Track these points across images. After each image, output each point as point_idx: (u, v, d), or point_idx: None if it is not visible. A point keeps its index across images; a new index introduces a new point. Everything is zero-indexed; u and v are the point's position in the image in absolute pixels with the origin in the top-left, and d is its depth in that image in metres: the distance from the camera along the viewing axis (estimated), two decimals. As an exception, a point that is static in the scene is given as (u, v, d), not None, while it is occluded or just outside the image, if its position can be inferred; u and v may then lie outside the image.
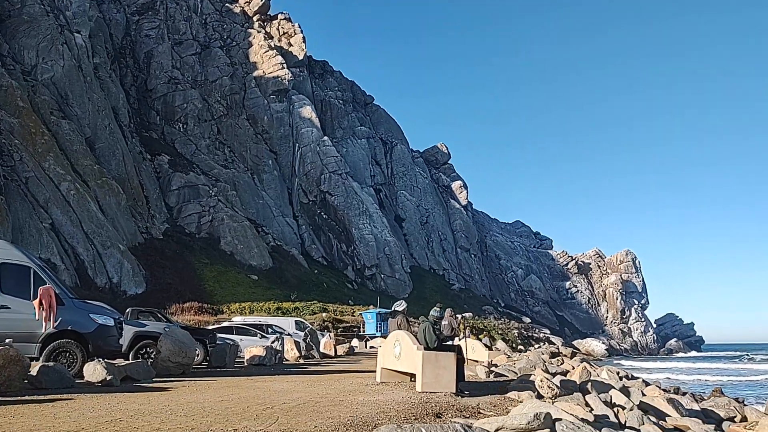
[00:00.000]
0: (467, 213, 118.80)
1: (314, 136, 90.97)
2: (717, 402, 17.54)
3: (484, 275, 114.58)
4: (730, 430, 10.55)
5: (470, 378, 14.59)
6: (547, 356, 29.58)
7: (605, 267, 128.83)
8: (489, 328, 65.59)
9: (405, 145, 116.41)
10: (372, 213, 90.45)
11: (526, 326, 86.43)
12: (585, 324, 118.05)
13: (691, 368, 54.38)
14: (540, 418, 6.42)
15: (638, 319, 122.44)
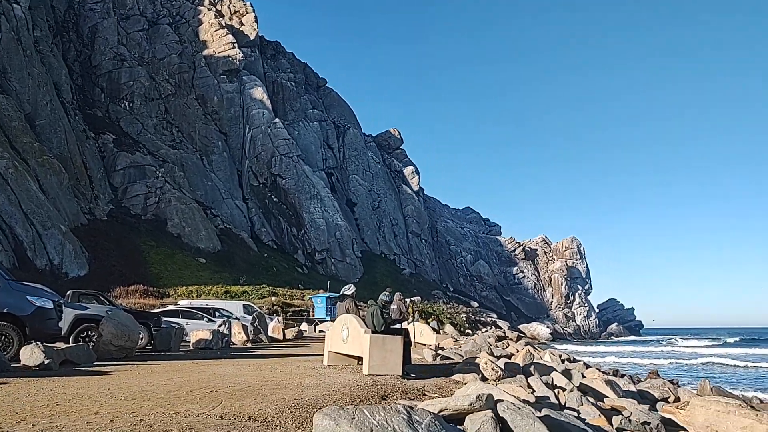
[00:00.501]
0: (419, 198, 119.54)
1: (265, 118, 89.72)
2: (653, 384, 18.25)
3: (435, 260, 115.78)
4: (663, 410, 10.98)
5: (417, 361, 14.77)
6: (493, 340, 30.17)
7: (551, 253, 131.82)
8: (438, 313, 66.38)
9: (358, 129, 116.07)
10: (323, 197, 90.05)
11: (474, 310, 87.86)
12: (531, 308, 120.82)
13: (630, 351, 56.32)
14: (482, 400, 6.54)
15: (582, 304, 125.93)
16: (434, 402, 6.86)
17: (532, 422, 6.44)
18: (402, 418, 4.24)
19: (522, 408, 6.80)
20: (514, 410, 6.67)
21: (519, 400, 8.19)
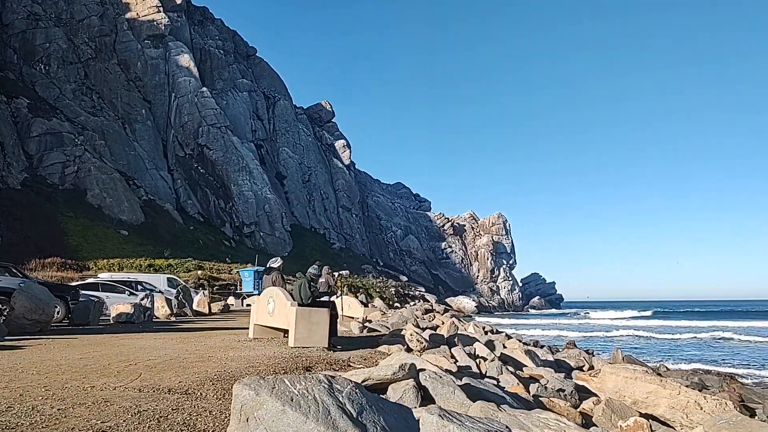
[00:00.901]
0: (350, 173, 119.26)
1: (192, 86, 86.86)
2: (569, 353, 19.12)
3: (365, 235, 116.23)
4: (577, 377, 11.51)
5: (344, 333, 14.87)
6: (420, 313, 30.71)
7: (479, 229, 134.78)
8: (367, 287, 66.98)
9: (288, 100, 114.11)
10: (252, 169, 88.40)
11: (403, 284, 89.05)
12: (458, 282, 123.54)
13: (550, 323, 58.60)
14: (405, 369, 6.67)
15: (506, 278, 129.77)
16: (358, 372, 6.94)
17: (452, 390, 6.61)
18: (323, 387, 4.26)
19: (443, 377, 6.97)
20: (435, 379, 6.83)
21: (441, 369, 8.38)
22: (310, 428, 3.90)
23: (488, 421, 4.00)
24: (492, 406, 5.88)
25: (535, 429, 5.32)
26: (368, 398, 4.44)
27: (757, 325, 51.47)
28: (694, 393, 8.61)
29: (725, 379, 18.30)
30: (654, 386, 8.61)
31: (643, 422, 7.02)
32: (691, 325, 51.44)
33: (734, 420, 7.28)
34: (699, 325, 52.04)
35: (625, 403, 8.44)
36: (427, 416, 3.77)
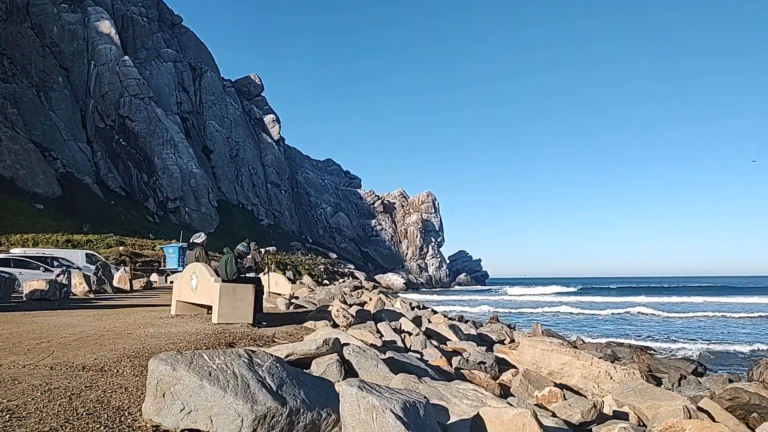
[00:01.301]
0: (279, 148, 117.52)
1: (113, 54, 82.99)
2: (492, 328, 19.71)
3: (294, 212, 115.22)
4: (498, 350, 11.89)
5: (270, 310, 14.76)
6: (349, 289, 30.83)
7: (408, 207, 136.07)
8: (296, 264, 66.62)
9: (215, 72, 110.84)
10: (177, 142, 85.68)
11: (333, 262, 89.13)
12: (387, 260, 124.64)
13: (473, 300, 60.16)
14: (329, 344, 6.69)
15: (434, 255, 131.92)
16: (282, 347, 6.92)
17: (375, 364, 6.70)
18: (243, 362, 4.22)
19: (367, 351, 7.05)
20: (359, 353, 6.89)
21: (366, 344, 8.48)
22: (228, 402, 3.87)
23: (407, 392, 4.08)
24: (413, 378, 6.00)
25: (454, 399, 5.47)
26: (289, 372, 4.43)
27: (671, 300, 54.63)
28: (606, 364, 9.07)
29: (636, 351, 19.33)
30: (569, 358, 9.01)
31: (557, 392, 7.34)
32: (610, 301, 54.05)
33: (640, 388, 7.72)
34: (617, 300, 54.75)
35: (541, 374, 8.79)
36: (347, 388, 3.80)
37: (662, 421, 6.04)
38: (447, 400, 5.49)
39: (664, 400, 7.03)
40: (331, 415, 4.16)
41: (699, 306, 45.47)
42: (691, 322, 32.06)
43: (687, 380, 13.59)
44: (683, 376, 14.01)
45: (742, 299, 54.77)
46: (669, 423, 5.63)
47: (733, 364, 17.75)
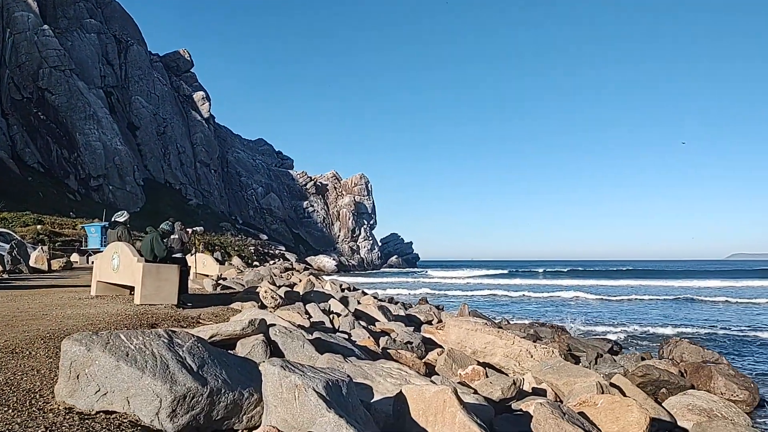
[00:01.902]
0: (209, 126, 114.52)
1: (31, 22, 78.36)
2: (421, 309, 20.02)
3: (224, 192, 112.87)
4: (425, 330, 12.09)
5: (197, 291, 14.48)
6: (278, 271, 30.60)
7: (341, 189, 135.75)
8: (225, 245, 65.42)
9: (143, 46, 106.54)
10: (101, 118, 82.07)
11: (263, 243, 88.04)
12: (319, 242, 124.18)
13: (398, 282, 60.85)
14: (254, 324, 6.63)
15: (366, 237, 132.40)
16: (206, 328, 6.80)
17: (302, 344, 6.69)
18: (162, 342, 4.13)
19: (293, 332, 7.02)
20: (285, 334, 6.86)
21: (294, 325, 8.45)
22: (146, 383, 3.78)
23: (330, 371, 4.10)
24: (339, 358, 6.03)
25: (378, 378, 5.54)
26: (211, 353, 4.37)
27: (599, 283, 56.89)
28: (527, 343, 9.38)
29: (557, 331, 20.03)
30: (492, 337, 9.27)
31: (480, 370, 7.55)
32: (540, 284, 55.83)
33: (558, 366, 8.04)
34: (547, 283, 56.62)
35: (465, 353, 9.01)
36: (269, 368, 3.79)
37: (577, 396, 6.32)
38: (372, 379, 5.55)
39: (579, 376, 7.35)
40: (253, 395, 4.14)
41: (623, 289, 47.53)
42: (611, 304, 33.53)
43: (603, 359, 14.19)
44: (600, 354, 14.62)
45: (664, 282, 57.72)
46: (583, 398, 5.90)
47: (648, 343, 18.68)
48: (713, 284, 53.03)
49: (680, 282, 58.24)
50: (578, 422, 4.87)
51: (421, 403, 4.30)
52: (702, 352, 14.04)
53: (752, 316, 26.08)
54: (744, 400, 10.29)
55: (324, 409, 3.52)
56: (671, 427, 7.06)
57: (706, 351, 14.18)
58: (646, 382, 10.12)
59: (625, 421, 5.20)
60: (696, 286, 51.15)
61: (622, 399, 5.61)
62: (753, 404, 10.36)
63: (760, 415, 10.11)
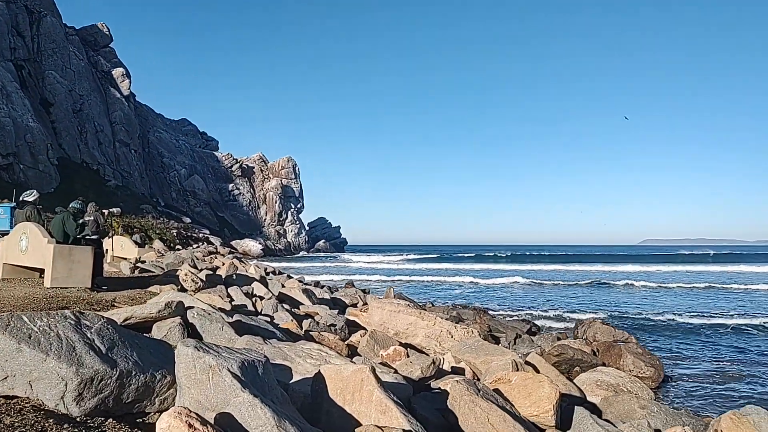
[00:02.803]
0: (129, 105, 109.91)
1: (-69, -13, 72.74)
2: (346, 292, 20.10)
3: (145, 173, 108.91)
4: (349, 313, 12.14)
5: (113, 274, 13.98)
6: (202, 254, 29.94)
7: (268, 171, 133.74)
8: (146, 227, 63.27)
9: (57, 18, 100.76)
10: (11, 92, 77.26)
11: (186, 226, 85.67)
12: (245, 225, 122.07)
13: (327, 266, 60.85)
14: (171, 307, 6.47)
15: (294, 221, 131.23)
16: (120, 311, 6.58)
17: (221, 326, 6.58)
18: (69, 324, 3.96)
19: (212, 314, 6.90)
20: (203, 316, 6.73)
21: (214, 308, 8.29)
22: (50, 366, 3.61)
23: (247, 352, 4.05)
24: (258, 340, 5.97)
25: (298, 359, 5.52)
26: (122, 334, 4.23)
27: (525, 268, 58.57)
28: (448, 323, 9.58)
29: (479, 313, 20.58)
30: (414, 318, 9.41)
31: (401, 350, 7.66)
32: (467, 269, 57.04)
33: (476, 345, 8.26)
34: (474, 268, 57.92)
35: (388, 334, 9.11)
36: (182, 348, 3.70)
37: (493, 374, 6.52)
38: (291, 360, 5.53)
39: (496, 355, 7.58)
40: (166, 377, 4.04)
41: (545, 274, 49.07)
42: (533, 288, 34.67)
43: (522, 339, 14.69)
44: (519, 335, 15.13)
45: (580, 267, 60.11)
46: (498, 375, 6.09)
47: (565, 324, 19.46)
48: (626, 269, 55.69)
49: (596, 266, 60.95)
50: (492, 398, 5.03)
51: (339, 383, 4.32)
52: (613, 332, 14.75)
53: (661, 299, 27.62)
54: (650, 377, 10.91)
55: (238, 390, 3.48)
56: (581, 401, 7.39)
57: (617, 331, 14.90)
58: (561, 360, 10.56)
59: (536, 396, 5.41)
60: (611, 271, 53.62)
61: (535, 375, 5.82)
62: (658, 380, 11.01)
63: (663, 390, 10.75)
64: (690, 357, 13.56)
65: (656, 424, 6.48)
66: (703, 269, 54.56)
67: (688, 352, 14.03)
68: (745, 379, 11.42)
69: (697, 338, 15.95)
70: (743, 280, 39.81)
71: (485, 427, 4.61)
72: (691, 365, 12.66)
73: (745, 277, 44.88)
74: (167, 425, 3.10)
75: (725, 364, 12.63)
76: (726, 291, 31.02)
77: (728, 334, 16.34)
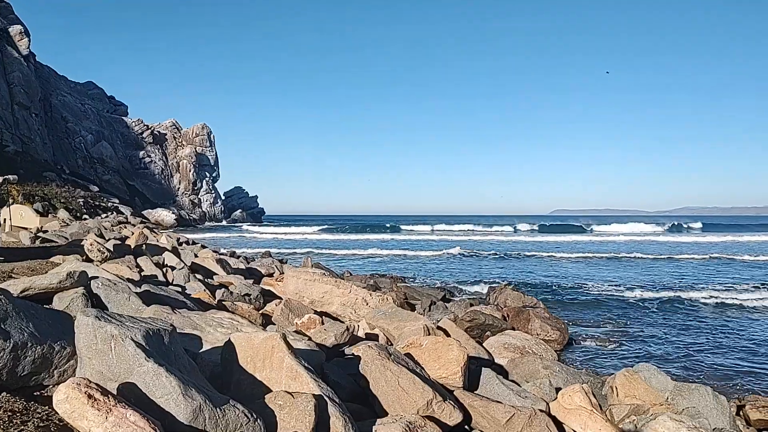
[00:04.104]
0: (29, 65, 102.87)
1: None
2: (263, 262, 19.87)
3: (48, 138, 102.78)
4: (264, 282, 12.04)
5: (12, 244, 13.22)
6: (111, 224, 28.77)
7: (181, 139, 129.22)
8: (50, 196, 60.01)
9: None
10: None
11: (94, 195, 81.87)
12: (157, 194, 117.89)
13: (243, 238, 59.92)
14: (74, 277, 6.19)
15: (209, 191, 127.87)
16: (18, 282, 6.25)
17: (127, 297, 6.37)
18: (-45, 295, 3.71)
19: (118, 284, 6.66)
20: (108, 286, 6.49)
21: (122, 278, 8.01)
22: (-66, 340, 3.39)
23: (152, 321, 3.94)
24: (167, 309, 5.82)
25: (208, 328, 5.43)
26: (16, 305, 4.01)
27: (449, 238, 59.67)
28: (363, 291, 9.67)
29: (395, 282, 20.93)
30: (329, 287, 9.44)
31: (316, 318, 7.69)
32: (387, 239, 57.62)
33: (390, 312, 8.40)
34: (395, 238, 58.54)
35: (303, 303, 9.11)
36: (83, 318, 3.55)
37: (406, 339, 6.66)
38: (201, 330, 5.43)
39: (409, 321, 7.75)
40: (65, 348, 3.87)
41: (464, 244, 50.31)
42: (453, 258, 35.50)
43: (436, 306, 15.07)
44: (433, 302, 15.50)
45: (495, 237, 61.95)
46: (411, 340, 6.23)
47: (478, 291, 20.10)
48: (538, 239, 57.92)
49: (510, 237, 63.18)
50: (403, 362, 5.14)
51: (249, 350, 4.29)
52: (523, 298, 15.36)
53: (568, 268, 28.97)
54: (555, 339, 11.48)
55: (143, 359, 3.39)
56: (489, 363, 7.69)
57: (526, 297, 15.53)
58: (473, 325, 10.92)
59: (446, 359, 5.58)
60: (523, 240, 55.66)
61: (445, 339, 6.00)
62: (563, 342, 11.61)
63: (567, 352, 11.36)
64: (593, 321, 14.37)
65: (557, 383, 6.85)
66: (610, 240, 57.25)
67: (592, 318, 14.85)
68: (641, 340, 12.23)
69: (601, 305, 16.89)
70: (645, 250, 42.29)
71: (396, 389, 4.72)
72: (594, 329, 13.42)
73: (649, 246, 47.61)
74: (65, 397, 2.99)
75: (625, 328, 13.46)
76: (629, 261, 32.79)
77: (630, 301, 17.36)
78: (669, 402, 6.14)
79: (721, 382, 9.16)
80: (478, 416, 4.98)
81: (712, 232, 70.85)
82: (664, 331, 13.16)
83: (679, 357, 10.84)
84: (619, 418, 5.99)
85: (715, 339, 12.41)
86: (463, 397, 5.14)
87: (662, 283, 21.95)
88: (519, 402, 5.44)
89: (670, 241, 53.76)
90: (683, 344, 11.85)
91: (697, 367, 10.13)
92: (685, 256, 34.97)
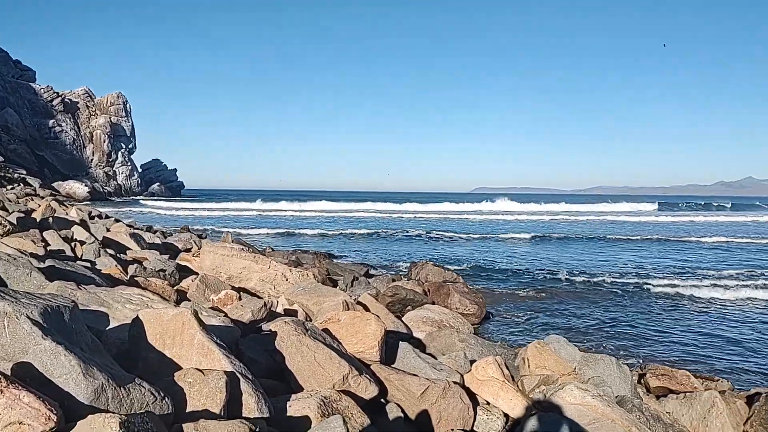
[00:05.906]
0: None
1: None
2: (180, 237, 19.30)
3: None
4: (180, 258, 11.70)
5: None
6: (16, 196, 27.18)
7: (95, 108, 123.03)
8: (-53, 166, 55.95)
9: None
10: None
11: (-2, 165, 77.02)
12: (68, 166, 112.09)
13: (168, 214, 58.12)
14: (-32, 251, 5.79)
15: (124, 163, 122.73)
16: None
17: (28, 272, 6.03)
18: None
19: (18, 259, 6.29)
20: (8, 262, 6.12)
21: (25, 253, 7.59)
22: None
23: (53, 297, 3.72)
24: (72, 285, 5.54)
25: (116, 304, 5.21)
26: None
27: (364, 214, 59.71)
28: (282, 267, 9.56)
29: (318, 258, 20.84)
30: (248, 262, 9.27)
31: (233, 294, 7.53)
32: (311, 215, 57.13)
33: (310, 287, 8.34)
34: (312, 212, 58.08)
35: (220, 278, 8.90)
36: (-29, 295, 3.31)
37: (324, 314, 6.63)
38: (109, 306, 5.21)
39: (328, 296, 7.72)
40: (-47, 328, 3.60)
41: (380, 222, 50.58)
42: (371, 237, 35.64)
43: (359, 281, 15.12)
44: (356, 277, 15.55)
45: (415, 215, 62.66)
46: (329, 315, 6.20)
47: (401, 265, 20.33)
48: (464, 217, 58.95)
49: (436, 208, 64.14)
50: (320, 337, 5.11)
51: (158, 327, 4.14)
52: (444, 273, 15.64)
53: (491, 245, 29.72)
54: (474, 313, 11.77)
55: (39, 337, 3.20)
56: (408, 337, 7.79)
57: (447, 272, 15.82)
58: (395, 300, 11.03)
59: (363, 334, 5.59)
60: (447, 211, 56.63)
61: (363, 314, 6.01)
62: (480, 316, 11.94)
63: (484, 325, 11.69)
64: (511, 295, 14.84)
65: (472, 355, 7.01)
66: (534, 219, 58.65)
67: (510, 291, 15.32)
68: (557, 314, 12.73)
69: (518, 279, 17.44)
70: (565, 230, 43.92)
71: (312, 365, 4.69)
72: (511, 303, 13.85)
73: (569, 225, 49.43)
74: (-51, 379, 2.78)
75: (541, 303, 13.97)
76: (551, 240, 33.84)
77: (550, 277, 17.99)
78: (576, 372, 6.42)
79: (627, 352, 9.69)
80: (393, 389, 5.03)
81: (634, 214, 74.23)
82: (578, 305, 13.75)
83: (589, 330, 11.38)
84: (530, 388, 6.20)
85: (625, 311, 13.10)
86: (379, 371, 5.18)
87: (582, 261, 22.87)
88: (434, 374, 5.54)
89: (593, 219, 55.87)
90: (595, 318, 12.43)
91: (605, 339, 10.65)
92: (614, 236, 36.09)
